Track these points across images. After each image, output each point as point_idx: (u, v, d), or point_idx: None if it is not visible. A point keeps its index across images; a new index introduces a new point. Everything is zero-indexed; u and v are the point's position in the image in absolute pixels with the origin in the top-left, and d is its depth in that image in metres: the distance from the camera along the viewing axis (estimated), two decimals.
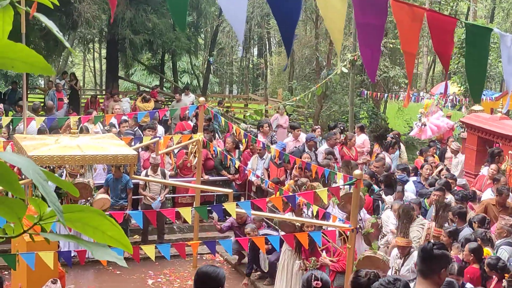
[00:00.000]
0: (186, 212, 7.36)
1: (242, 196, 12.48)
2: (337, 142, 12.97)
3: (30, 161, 1.33)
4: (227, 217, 10.69)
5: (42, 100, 18.73)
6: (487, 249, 7.48)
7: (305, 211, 8.90)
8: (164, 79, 28.05)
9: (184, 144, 11.02)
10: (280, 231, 9.18)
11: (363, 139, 13.97)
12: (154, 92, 20.02)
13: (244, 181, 12.61)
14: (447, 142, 13.95)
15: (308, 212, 8.81)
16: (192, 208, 7.91)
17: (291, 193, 8.85)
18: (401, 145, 14.07)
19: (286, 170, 11.97)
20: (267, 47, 33.52)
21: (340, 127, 14.84)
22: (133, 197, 11.38)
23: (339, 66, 15.19)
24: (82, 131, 11.40)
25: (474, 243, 7.38)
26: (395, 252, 7.84)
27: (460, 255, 7.47)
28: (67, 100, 18.65)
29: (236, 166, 12.06)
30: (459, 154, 12.88)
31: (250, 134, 12.06)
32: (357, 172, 7.00)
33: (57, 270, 7.06)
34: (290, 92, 22.78)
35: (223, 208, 7.36)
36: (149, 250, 7.06)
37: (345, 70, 15.33)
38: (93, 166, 10.40)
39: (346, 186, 8.08)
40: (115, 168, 10.69)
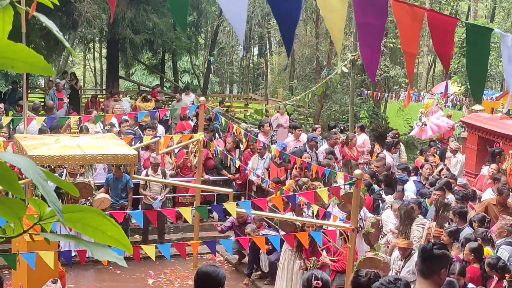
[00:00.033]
0: (187, 212, 7.37)
1: (243, 196, 12.48)
2: (338, 142, 12.97)
3: (30, 161, 1.32)
4: (228, 217, 10.69)
5: (43, 100, 18.70)
6: (488, 249, 7.49)
7: (306, 211, 8.89)
8: (165, 79, 28.03)
9: (185, 144, 11.02)
10: (281, 231, 9.18)
11: (364, 139, 13.96)
12: (155, 92, 20.00)
13: (245, 181, 12.61)
14: (448, 142, 13.95)
15: (309, 212, 8.80)
16: (193, 208, 7.92)
17: (292, 193, 8.84)
18: (401, 145, 14.08)
19: (287, 170, 11.97)
20: (268, 47, 33.48)
21: (341, 127, 14.85)
22: (134, 197, 11.38)
23: (340, 66, 15.20)
24: (82, 131, 11.41)
25: (475, 243, 7.39)
26: (396, 254, 7.83)
27: (461, 255, 7.47)
28: (68, 100, 18.64)
29: (237, 166, 12.05)
30: (458, 154, 12.89)
31: (251, 134, 12.06)
32: (358, 172, 7.00)
33: (57, 270, 7.06)
34: (291, 92, 22.76)
35: (224, 208, 7.36)
36: (150, 250, 7.06)
37: (346, 70, 15.35)
38: (94, 166, 10.40)
39: (347, 186, 8.08)
40: (116, 168, 10.70)
